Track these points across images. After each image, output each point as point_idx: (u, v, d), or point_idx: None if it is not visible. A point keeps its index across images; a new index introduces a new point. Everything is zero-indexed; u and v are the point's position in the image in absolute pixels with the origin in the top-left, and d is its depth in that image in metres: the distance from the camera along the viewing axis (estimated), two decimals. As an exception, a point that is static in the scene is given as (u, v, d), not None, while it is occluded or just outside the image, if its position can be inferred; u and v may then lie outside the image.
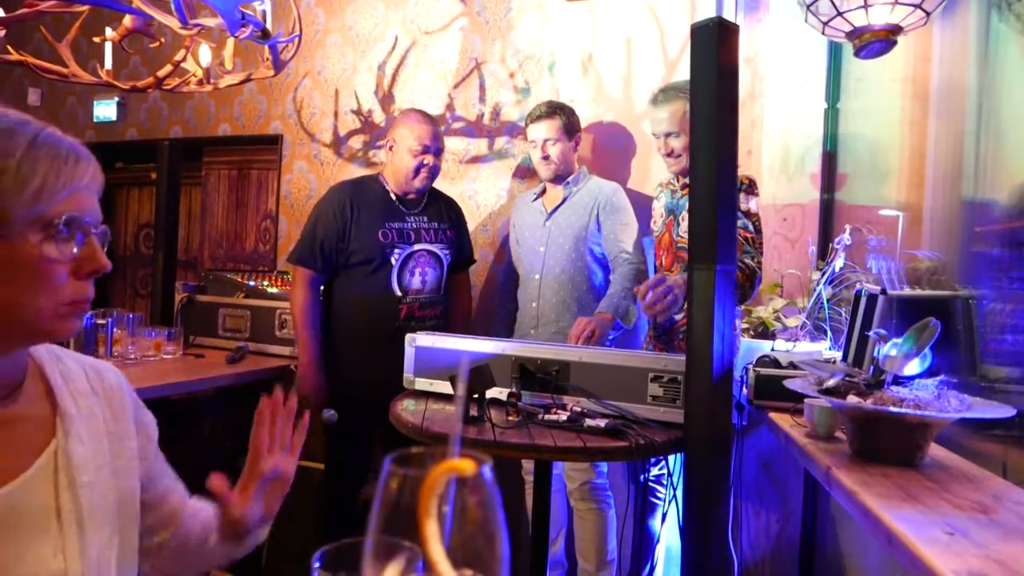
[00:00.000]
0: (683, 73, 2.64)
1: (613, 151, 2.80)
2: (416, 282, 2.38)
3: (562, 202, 2.50)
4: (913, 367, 1.31)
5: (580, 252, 2.44)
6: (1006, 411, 1.22)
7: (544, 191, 2.59)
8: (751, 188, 2.07)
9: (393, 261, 2.35)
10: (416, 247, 2.39)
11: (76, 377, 0.87)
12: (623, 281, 2.31)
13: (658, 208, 2.40)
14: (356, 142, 3.24)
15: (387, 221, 2.38)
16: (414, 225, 2.41)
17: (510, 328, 2.59)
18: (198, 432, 3.04)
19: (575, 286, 2.42)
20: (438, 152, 2.42)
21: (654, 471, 2.33)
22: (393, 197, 2.44)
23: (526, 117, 2.53)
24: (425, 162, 2.37)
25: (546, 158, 2.46)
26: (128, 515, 0.86)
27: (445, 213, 2.50)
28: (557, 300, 2.42)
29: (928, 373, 1.33)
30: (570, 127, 2.47)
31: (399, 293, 2.35)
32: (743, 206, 2.03)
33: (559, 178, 2.50)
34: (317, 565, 0.51)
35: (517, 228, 2.64)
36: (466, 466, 0.39)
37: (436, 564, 0.38)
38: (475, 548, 0.41)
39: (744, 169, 2.15)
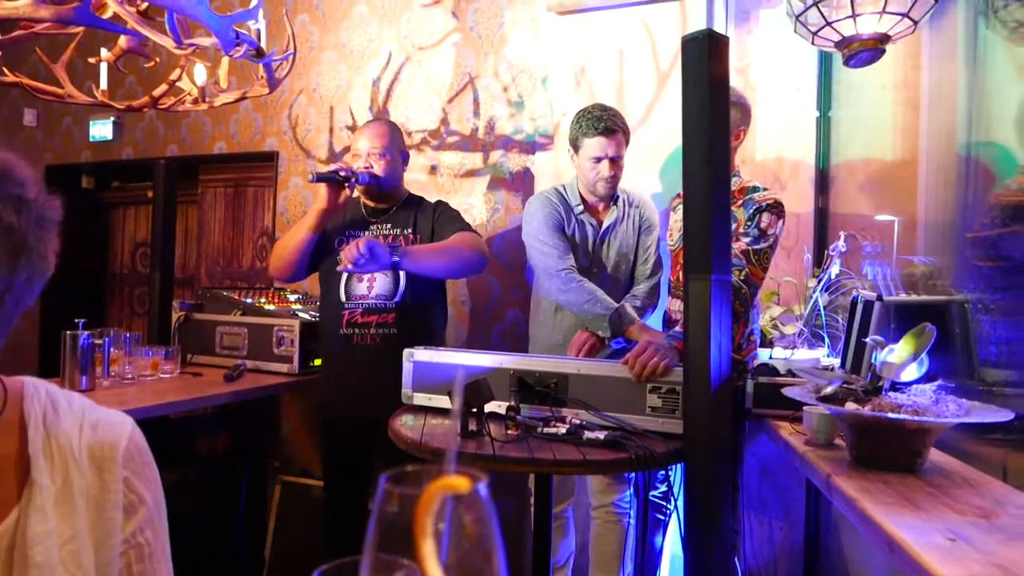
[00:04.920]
0: (675, 85, 2.66)
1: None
2: (362, 288, 2.28)
3: (616, 220, 2.35)
4: (910, 372, 1.32)
5: (630, 271, 2.37)
6: (1004, 415, 1.22)
7: (586, 204, 2.37)
8: (773, 209, 2.01)
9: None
10: None
11: (65, 435, 0.77)
12: (632, 299, 2.29)
13: (676, 221, 2.29)
14: (352, 158, 3.24)
15: (349, 230, 2.34)
16: (374, 233, 2.34)
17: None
18: (196, 451, 3.03)
19: None
20: (379, 154, 2.31)
21: (660, 488, 2.32)
22: (363, 207, 2.41)
23: (583, 126, 2.24)
24: (367, 165, 2.30)
25: (614, 177, 2.26)
26: None
27: (413, 220, 2.36)
28: None
29: (926, 378, 1.33)
30: (628, 138, 2.29)
31: (343, 299, 2.29)
32: (763, 224, 2.01)
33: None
34: (316, 585, 0.50)
35: (544, 240, 2.32)
36: (461, 484, 0.39)
37: (433, 582, 0.38)
38: (472, 565, 0.41)
39: (748, 180, 2.15)
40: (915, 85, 2.32)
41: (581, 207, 2.36)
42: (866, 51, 1.84)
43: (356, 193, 2.36)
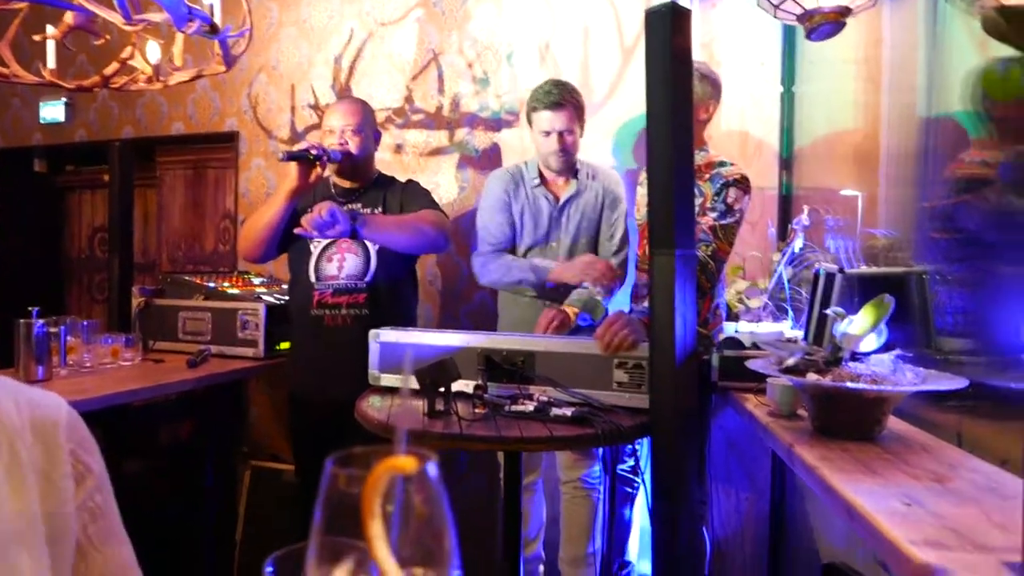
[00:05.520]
0: (640, 60, 2.65)
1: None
2: (332, 268, 2.27)
3: (576, 193, 2.35)
4: (870, 343, 1.34)
5: (593, 245, 2.36)
6: (959, 382, 1.25)
7: (543, 177, 2.38)
8: (739, 184, 2.03)
9: (312, 248, 2.29)
10: None
11: (6, 412, 0.78)
12: None
13: (643, 196, 2.29)
14: (314, 137, 3.18)
15: None
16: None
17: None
18: (160, 439, 2.98)
19: None
20: (353, 131, 2.28)
21: (628, 462, 2.35)
22: (332, 187, 2.38)
23: (533, 100, 2.28)
24: (341, 142, 2.27)
25: (564, 150, 2.25)
26: (60, 565, 0.78)
27: (383, 199, 2.35)
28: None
29: (884, 348, 1.35)
30: (580, 113, 2.29)
31: (313, 279, 2.28)
32: (729, 199, 2.02)
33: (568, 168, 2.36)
34: (270, 570, 0.49)
35: (512, 212, 2.38)
36: (408, 464, 0.38)
37: (381, 564, 0.37)
38: (423, 547, 0.40)
39: (715, 155, 2.16)
40: (876, 60, 2.34)
41: (537, 181, 2.37)
42: (827, 24, 1.85)
43: (327, 172, 2.33)
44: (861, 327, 1.32)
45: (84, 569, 0.81)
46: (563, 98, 2.23)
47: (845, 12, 1.86)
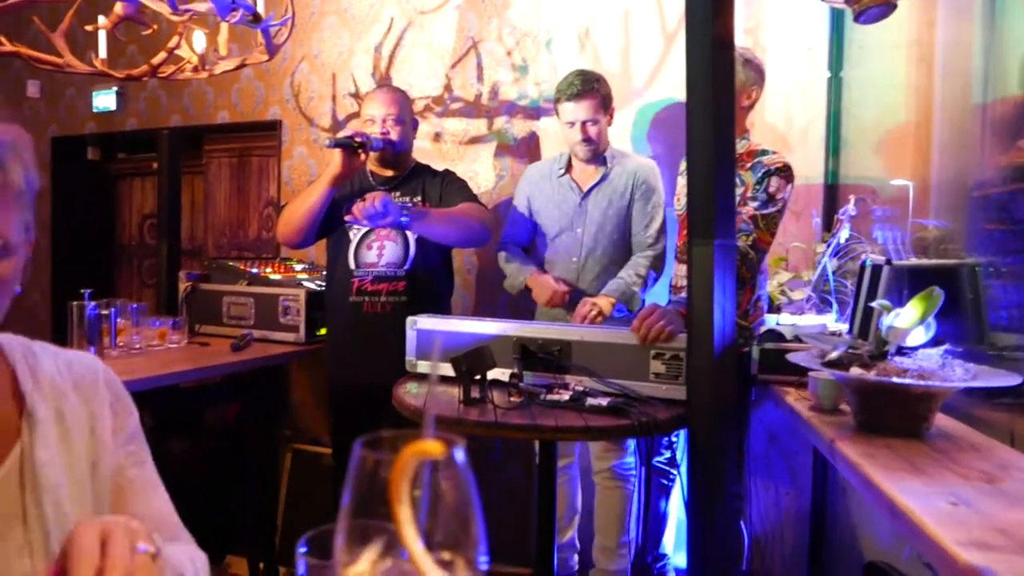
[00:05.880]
0: (682, 46, 2.60)
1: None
2: (372, 255, 2.30)
3: (601, 180, 2.37)
4: (917, 337, 1.29)
5: (623, 232, 2.36)
6: (1012, 379, 1.20)
7: (570, 166, 2.44)
8: (782, 173, 1.99)
9: (351, 236, 2.33)
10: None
11: (48, 374, 0.84)
12: (636, 267, 2.29)
13: (683, 186, 2.25)
14: (355, 125, 3.21)
15: (356, 198, 2.32)
16: None
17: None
18: (207, 420, 3.06)
19: (619, 269, 2.33)
20: (394, 120, 2.32)
21: (665, 454, 2.33)
22: (370, 175, 2.41)
23: (557, 92, 2.33)
24: (383, 131, 2.30)
25: (587, 140, 2.29)
26: (107, 512, 0.83)
27: (422, 189, 2.38)
28: (600, 284, 2.32)
29: (933, 342, 1.31)
30: (606, 101, 2.32)
31: (352, 267, 2.31)
32: (771, 188, 1.99)
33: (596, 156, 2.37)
34: (303, 551, 0.50)
35: (537, 206, 2.48)
36: (435, 449, 0.38)
37: (409, 547, 0.37)
38: (451, 531, 0.40)
39: (757, 143, 2.11)
40: (929, 43, 2.25)
41: (562, 171, 2.41)
42: (876, 6, 1.77)
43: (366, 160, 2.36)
44: (908, 320, 1.28)
45: (124, 512, 0.85)
46: (585, 88, 2.25)
47: (897, -6, 1.78)
